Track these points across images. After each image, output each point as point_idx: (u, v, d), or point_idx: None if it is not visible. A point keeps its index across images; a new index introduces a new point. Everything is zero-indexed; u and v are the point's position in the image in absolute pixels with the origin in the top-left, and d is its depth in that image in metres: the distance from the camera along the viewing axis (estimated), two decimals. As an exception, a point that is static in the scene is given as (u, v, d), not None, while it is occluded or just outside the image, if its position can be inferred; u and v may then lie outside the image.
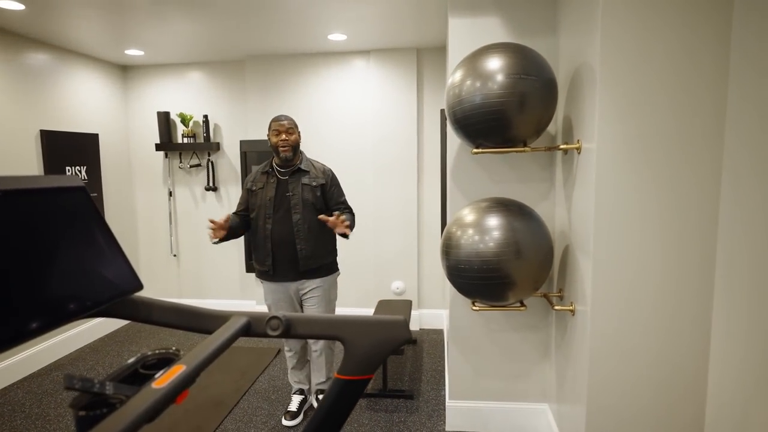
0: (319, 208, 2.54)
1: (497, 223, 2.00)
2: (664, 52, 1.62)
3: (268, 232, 2.50)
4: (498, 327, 2.46)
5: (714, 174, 1.64)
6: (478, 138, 2.02)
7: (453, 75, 2.01)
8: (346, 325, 1.06)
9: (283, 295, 2.60)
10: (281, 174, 2.55)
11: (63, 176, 1.00)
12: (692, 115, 1.63)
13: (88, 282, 0.95)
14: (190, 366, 0.79)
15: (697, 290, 1.70)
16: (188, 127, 4.47)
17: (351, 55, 4.13)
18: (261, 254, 2.55)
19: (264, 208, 2.51)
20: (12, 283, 0.72)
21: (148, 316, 1.08)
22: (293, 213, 2.49)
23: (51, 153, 3.71)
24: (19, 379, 3.39)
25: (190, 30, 3.50)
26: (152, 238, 4.78)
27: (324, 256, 2.58)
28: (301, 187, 2.52)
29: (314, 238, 2.51)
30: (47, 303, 0.77)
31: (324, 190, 2.57)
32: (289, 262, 2.51)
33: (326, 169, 2.64)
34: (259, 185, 2.56)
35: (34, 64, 3.63)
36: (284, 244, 2.49)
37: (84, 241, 0.99)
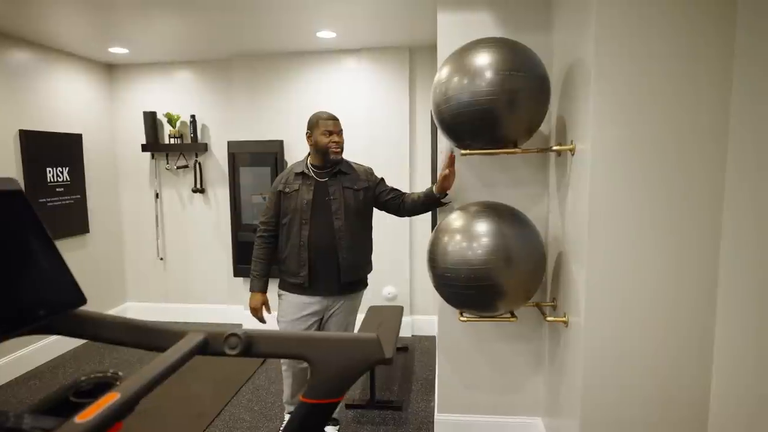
0: (362, 214, 2.33)
1: (486, 228, 1.89)
2: (663, 47, 1.51)
3: (304, 239, 2.23)
4: (488, 338, 2.35)
5: (716, 178, 1.53)
6: (466, 138, 1.91)
7: (440, 71, 1.90)
8: (313, 343, 0.96)
9: (311, 312, 2.29)
10: (319, 176, 2.29)
11: (1, 179, 0.89)
12: (694, 115, 1.52)
13: (21, 296, 0.84)
14: (126, 394, 0.68)
15: (697, 300, 1.58)
16: (175, 127, 4.35)
17: (341, 54, 4.03)
18: (294, 264, 2.26)
19: (300, 213, 2.24)
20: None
21: (95, 332, 0.98)
22: (335, 219, 2.24)
23: (30, 154, 3.59)
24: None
25: (176, 28, 3.39)
26: (138, 241, 4.65)
27: (364, 267, 2.40)
28: (342, 191, 2.27)
29: (356, 247, 2.30)
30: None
31: (367, 193, 2.34)
32: (329, 274, 2.25)
33: (367, 169, 2.43)
34: (294, 187, 2.28)
35: (13, 62, 3.51)
36: (324, 253, 2.24)
37: (19, 250, 0.88)
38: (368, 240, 2.42)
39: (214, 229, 4.52)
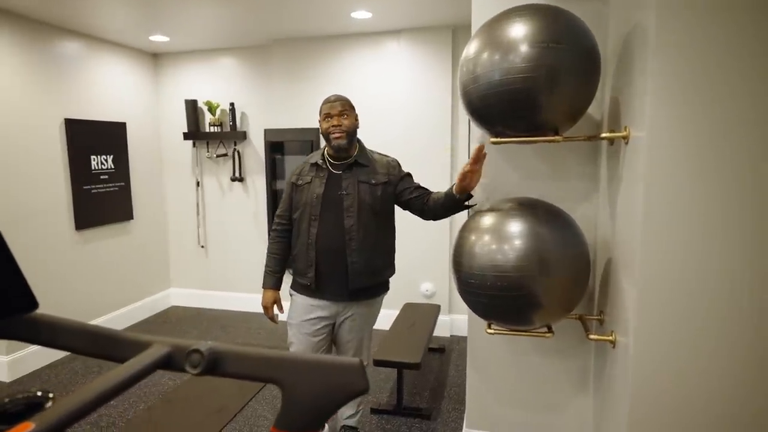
0: (378, 211, 2.05)
1: (519, 229, 1.63)
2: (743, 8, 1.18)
3: (312, 237, 2.03)
4: (524, 350, 2.08)
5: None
6: (497, 124, 1.65)
7: (468, 47, 1.65)
8: (285, 365, 0.79)
9: (318, 316, 2.10)
10: (334, 167, 2.07)
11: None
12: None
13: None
14: (41, 425, 0.54)
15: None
16: (215, 115, 4.34)
17: (380, 36, 3.81)
18: (302, 264, 2.08)
19: (310, 208, 2.04)
20: None
21: (52, 339, 0.86)
22: (346, 216, 2.01)
23: (75, 142, 3.68)
24: (10, 382, 3.25)
25: (215, 13, 3.32)
26: (181, 228, 4.72)
27: (380, 273, 2.11)
28: (357, 185, 2.03)
29: (370, 249, 2.04)
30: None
31: (387, 189, 2.07)
32: (337, 278, 2.03)
33: (390, 161, 2.14)
34: (306, 179, 2.08)
35: (59, 53, 3.59)
36: (332, 254, 2.02)
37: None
38: (386, 241, 2.15)
39: (252, 218, 4.49)
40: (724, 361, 1.31)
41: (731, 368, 1.31)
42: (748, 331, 1.28)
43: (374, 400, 2.88)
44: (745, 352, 1.29)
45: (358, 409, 2.37)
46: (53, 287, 3.57)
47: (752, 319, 1.27)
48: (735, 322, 1.29)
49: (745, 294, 1.27)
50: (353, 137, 2.09)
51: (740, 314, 1.28)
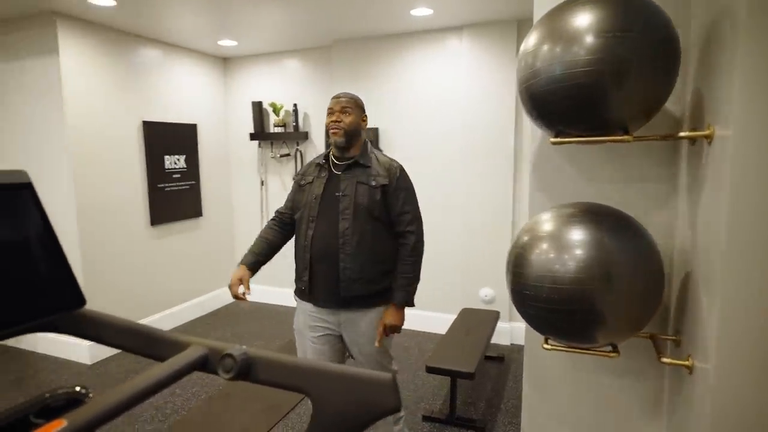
0: (377, 216, 1.95)
1: (582, 237, 1.48)
2: None
3: (308, 240, 1.96)
4: (586, 367, 1.92)
5: None
6: (558, 123, 1.51)
7: (527, 39, 1.52)
8: (315, 375, 0.78)
9: (318, 325, 2.03)
10: (336, 167, 2.01)
11: (9, 171, 0.83)
12: None
13: (21, 294, 0.80)
14: (76, 424, 0.56)
15: None
16: (279, 116, 4.45)
17: (441, 33, 3.71)
18: (299, 266, 2.03)
19: (309, 209, 1.98)
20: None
21: (98, 335, 0.91)
22: (341, 218, 1.93)
23: (151, 143, 3.92)
24: (91, 364, 3.51)
25: (279, 17, 3.40)
26: (246, 226, 4.90)
27: (376, 281, 1.97)
28: (355, 186, 1.95)
29: (365, 254, 1.92)
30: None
31: (386, 192, 1.97)
32: (329, 283, 1.95)
33: (393, 165, 2.03)
34: (309, 179, 2.04)
35: (138, 59, 3.84)
36: (325, 258, 1.94)
37: (21, 247, 0.82)
38: (385, 247, 2.00)
39: (313, 217, 4.56)
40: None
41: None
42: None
43: (427, 407, 2.81)
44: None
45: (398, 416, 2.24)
46: (129, 278, 3.83)
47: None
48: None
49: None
50: (352, 136, 1.98)
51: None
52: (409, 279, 2.00)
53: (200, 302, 4.55)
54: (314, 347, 2.04)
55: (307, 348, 2.06)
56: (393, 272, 2.01)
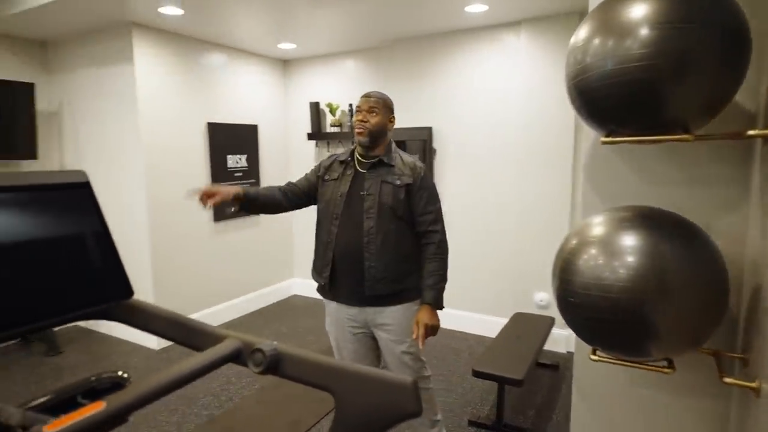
0: (401, 215, 1.95)
1: (635, 243, 1.39)
2: None
3: (332, 237, 1.96)
4: (641, 381, 1.79)
5: None
6: (610, 121, 1.43)
7: (576, 33, 1.45)
8: (338, 374, 0.79)
9: (350, 324, 2.04)
10: (361, 166, 2.00)
11: (70, 172, 0.92)
12: None
13: (77, 284, 0.88)
14: (111, 407, 0.61)
15: None
16: (335, 116, 4.54)
17: (497, 29, 3.61)
18: (319, 262, 2.04)
19: (332, 206, 1.98)
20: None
21: (145, 323, 1.00)
22: (366, 218, 1.93)
23: (215, 143, 4.14)
24: (158, 349, 3.72)
25: (335, 19, 3.47)
26: (304, 223, 5.04)
27: (400, 280, 1.97)
28: (380, 186, 1.95)
29: (389, 253, 1.93)
30: (26, 304, 0.75)
31: (410, 191, 1.97)
32: (353, 282, 1.95)
33: (417, 164, 2.02)
34: (333, 176, 2.03)
35: (204, 64, 4.06)
36: (349, 256, 1.94)
37: (79, 240, 0.91)
38: (407, 247, 1.99)
39: (366, 215, 4.61)
40: None
41: None
42: None
43: (473, 411, 2.75)
44: None
45: (434, 417, 2.19)
46: (194, 270, 4.06)
47: None
48: None
49: None
50: (377, 137, 1.97)
51: None
52: (437, 278, 1.98)
53: (258, 296, 4.74)
54: (347, 347, 2.07)
55: (341, 348, 2.09)
56: (416, 272, 2.01)
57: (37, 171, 0.86)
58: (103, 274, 0.93)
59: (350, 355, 2.06)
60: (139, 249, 3.76)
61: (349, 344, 2.06)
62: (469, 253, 3.95)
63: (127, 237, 3.83)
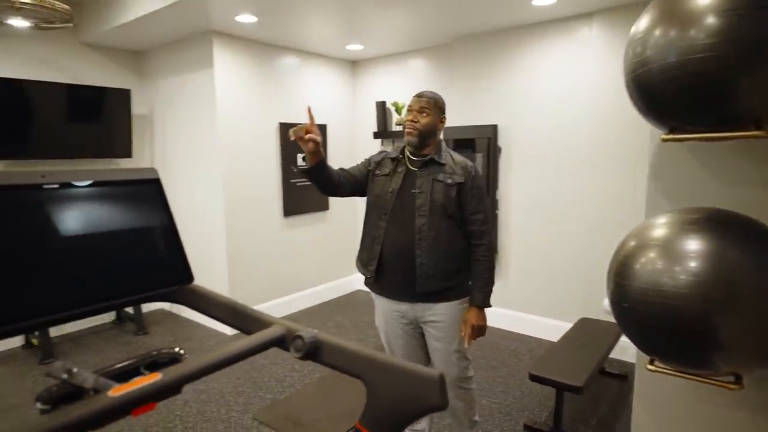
0: (451, 213, 1.95)
1: (699, 247, 1.30)
2: None
3: (380, 231, 1.98)
4: (709, 397, 1.66)
5: None
6: (671, 116, 1.35)
7: (636, 24, 1.38)
8: (370, 364, 0.85)
9: (399, 320, 2.05)
10: (412, 164, 2.01)
11: (144, 169, 1.05)
12: None
13: (145, 268, 1.00)
14: (166, 378, 0.72)
15: None
16: (401, 115, 4.58)
17: (566, 22, 3.46)
18: (365, 255, 2.06)
19: (382, 201, 1.99)
20: (74, 262, 0.82)
21: (204, 307, 1.10)
22: (417, 215, 1.93)
23: (286, 142, 4.34)
24: (231, 334, 3.93)
25: (402, 19, 3.53)
26: (368, 220, 5.15)
27: (450, 277, 1.97)
28: (431, 184, 1.95)
29: (439, 251, 1.93)
30: (105, 285, 0.86)
31: (461, 190, 1.97)
32: (403, 278, 1.96)
33: (469, 164, 2.01)
34: (384, 171, 2.04)
35: (276, 67, 4.28)
36: (399, 253, 1.95)
37: (149, 231, 1.04)
38: (457, 245, 1.99)
39: (429, 214, 4.63)
40: None
41: None
42: None
43: (530, 416, 2.68)
44: None
45: (473, 418, 2.18)
46: (265, 262, 4.30)
47: None
48: None
49: None
50: (426, 137, 1.97)
51: None
52: (486, 279, 1.99)
53: (324, 289, 4.92)
54: (398, 342, 2.09)
55: (392, 344, 2.12)
56: (464, 269, 2.01)
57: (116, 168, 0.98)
58: (168, 261, 1.04)
59: (401, 350, 2.09)
60: (216, 241, 4.05)
61: (399, 340, 2.09)
62: (533, 254, 3.83)
63: (206, 230, 4.14)
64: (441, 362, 2.04)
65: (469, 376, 2.10)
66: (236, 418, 2.73)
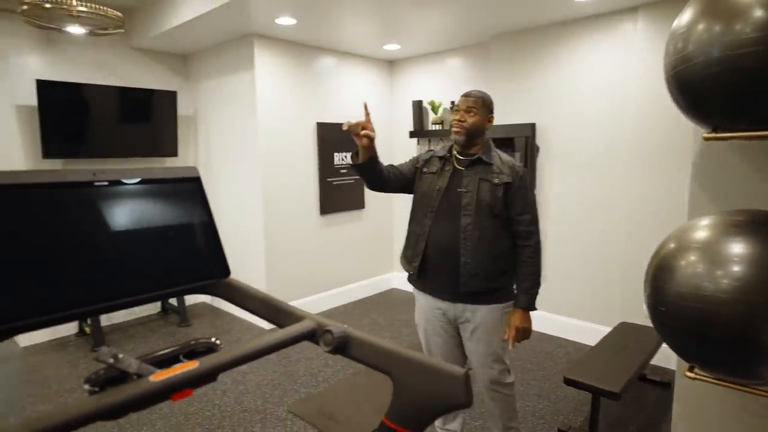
0: (497, 213, 1.93)
1: (743, 251, 1.25)
2: None
3: (426, 229, 1.98)
4: (759, 410, 1.58)
5: None
6: (714, 114, 1.30)
7: (678, 19, 1.34)
8: (397, 359, 0.87)
9: (439, 318, 2.05)
10: (459, 163, 2.00)
11: (185, 168, 1.12)
12: None
13: (184, 262, 1.06)
14: (202, 367, 0.78)
15: None
16: (437, 114, 4.57)
17: (609, 18, 3.36)
18: (410, 251, 2.06)
19: (428, 199, 2.00)
20: (120, 255, 0.88)
21: (241, 300, 1.15)
22: (463, 214, 1.93)
23: (323, 141, 4.42)
24: (269, 328, 4.13)
25: (439, 18, 3.53)
26: (403, 219, 5.13)
27: (493, 278, 1.94)
28: (477, 183, 1.93)
29: (484, 251, 1.92)
30: (147, 276, 0.92)
31: (508, 190, 1.94)
32: (447, 277, 1.95)
33: (516, 164, 1.99)
34: (432, 169, 2.04)
35: (314, 68, 4.36)
36: (444, 251, 1.95)
37: (189, 226, 1.10)
38: (502, 246, 1.96)
39: (465, 213, 4.59)
40: None
41: None
42: None
43: (565, 420, 2.63)
44: None
45: (508, 424, 2.13)
46: (302, 258, 4.40)
47: None
48: None
49: None
50: (473, 136, 1.95)
51: None
52: (532, 281, 1.96)
53: (359, 286, 4.97)
54: (436, 341, 2.09)
55: (430, 342, 2.11)
56: (508, 272, 1.99)
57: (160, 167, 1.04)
58: (207, 256, 1.09)
59: (438, 348, 2.09)
60: (255, 238, 4.17)
61: (438, 338, 2.08)
62: (571, 255, 3.74)
63: (245, 227, 4.27)
64: (477, 363, 2.03)
65: (507, 382, 2.06)
66: (272, 409, 2.82)
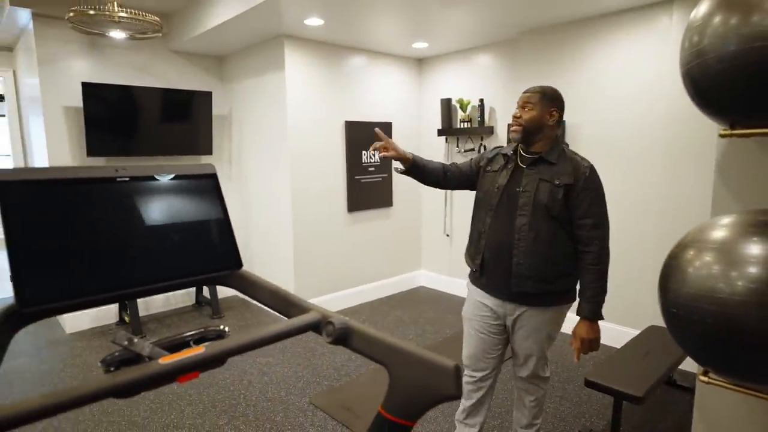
0: (556, 215, 1.86)
1: (762, 252, 1.22)
2: None
3: (485, 227, 1.97)
4: (782, 418, 1.52)
5: None
6: (731, 110, 1.26)
7: (694, 13, 1.30)
8: (392, 351, 0.90)
9: (488, 314, 2.03)
10: (522, 161, 1.95)
11: (203, 165, 1.19)
12: None
13: (199, 254, 1.13)
14: (209, 352, 0.83)
15: None
16: (466, 112, 4.55)
17: (642, 11, 3.25)
18: (473, 249, 2.06)
19: (489, 197, 1.98)
20: (140, 246, 0.94)
21: (252, 292, 1.21)
22: (518, 214, 1.89)
23: (351, 140, 4.48)
24: None
25: (468, 15, 3.51)
26: (431, 217, 5.17)
27: (548, 281, 1.89)
28: (537, 183, 1.87)
29: (539, 252, 1.86)
30: (161, 266, 0.97)
31: (570, 192, 1.85)
32: (501, 275, 1.94)
33: (582, 164, 1.88)
34: (495, 167, 2.02)
35: (343, 67, 4.42)
36: (499, 250, 1.93)
37: (205, 220, 1.17)
38: (561, 248, 1.90)
39: (493, 212, 4.55)
40: None
41: None
42: None
43: (586, 423, 2.58)
44: None
45: (533, 421, 2.13)
46: (329, 255, 4.48)
47: None
48: None
49: None
50: (531, 133, 1.89)
51: None
52: (595, 290, 1.88)
53: (386, 284, 5.01)
54: (478, 335, 2.07)
55: (471, 336, 2.11)
56: (566, 276, 1.92)
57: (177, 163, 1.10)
58: (221, 248, 1.15)
59: (474, 343, 2.09)
60: (283, 234, 4.28)
61: (478, 333, 2.07)
62: (601, 257, 3.65)
63: (274, 223, 4.39)
64: (522, 358, 2.04)
65: (544, 376, 2.08)
66: (294, 400, 2.89)
